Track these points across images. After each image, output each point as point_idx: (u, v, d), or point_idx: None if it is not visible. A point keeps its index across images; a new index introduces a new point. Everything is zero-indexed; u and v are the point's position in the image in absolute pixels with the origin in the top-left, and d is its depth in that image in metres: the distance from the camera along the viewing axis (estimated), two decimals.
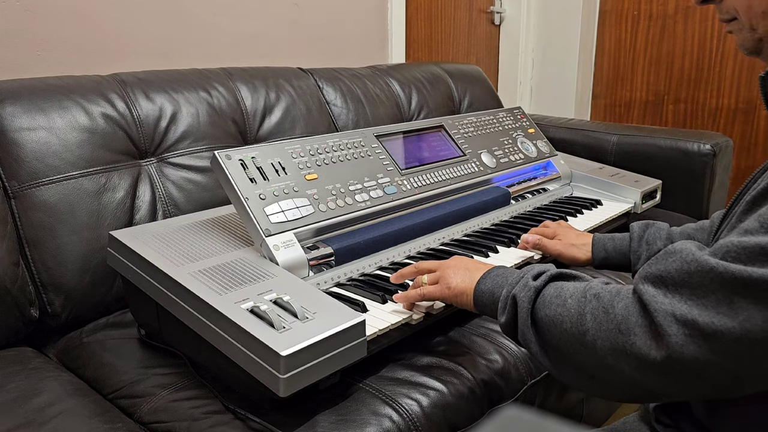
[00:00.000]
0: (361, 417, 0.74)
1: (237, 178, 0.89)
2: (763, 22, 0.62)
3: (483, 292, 0.73)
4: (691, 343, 0.50)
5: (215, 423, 0.74)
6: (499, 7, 2.73)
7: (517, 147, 1.42)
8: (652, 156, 1.73)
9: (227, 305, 0.72)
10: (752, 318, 0.47)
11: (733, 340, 0.48)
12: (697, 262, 0.51)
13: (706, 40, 2.49)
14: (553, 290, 0.64)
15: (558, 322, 0.61)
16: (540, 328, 0.64)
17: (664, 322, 0.51)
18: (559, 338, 0.61)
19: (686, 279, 0.52)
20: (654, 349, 0.52)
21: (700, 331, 0.49)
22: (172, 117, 1.20)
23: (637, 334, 0.54)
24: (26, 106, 1.03)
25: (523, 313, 0.65)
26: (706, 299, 0.50)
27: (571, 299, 0.61)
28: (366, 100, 1.61)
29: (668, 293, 0.52)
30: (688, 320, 0.50)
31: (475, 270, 0.77)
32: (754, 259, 0.48)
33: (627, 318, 0.55)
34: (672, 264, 0.53)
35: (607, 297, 0.58)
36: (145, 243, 0.87)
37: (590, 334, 0.57)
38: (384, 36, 2.10)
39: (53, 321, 1.02)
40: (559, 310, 0.61)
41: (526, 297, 0.65)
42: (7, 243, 0.96)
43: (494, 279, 0.73)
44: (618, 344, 0.55)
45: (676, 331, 0.51)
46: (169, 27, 1.49)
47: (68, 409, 0.76)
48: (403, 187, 1.09)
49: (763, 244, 0.48)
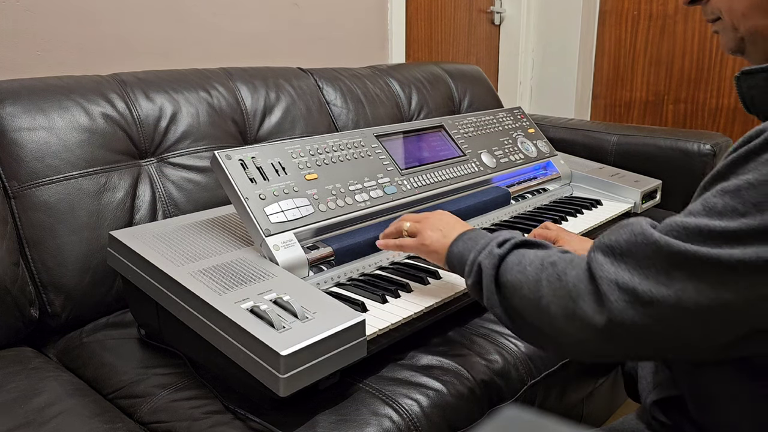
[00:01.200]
0: (361, 417, 0.74)
1: (237, 178, 0.89)
2: (743, 22, 0.64)
3: (454, 254, 0.79)
4: (630, 309, 0.54)
5: (215, 423, 0.74)
6: (499, 7, 2.74)
7: (517, 147, 1.42)
8: (652, 156, 1.73)
9: (227, 305, 0.72)
10: (685, 289, 0.52)
11: (668, 307, 0.53)
12: (644, 236, 0.55)
13: (706, 40, 2.49)
14: (515, 257, 0.68)
15: (518, 288, 0.66)
16: (502, 292, 0.68)
17: (607, 289, 0.56)
18: (519, 303, 0.66)
19: (632, 250, 0.56)
20: (598, 313, 0.56)
21: (639, 299, 0.54)
22: (172, 117, 1.20)
23: (584, 299, 0.58)
24: (26, 106, 1.03)
25: (488, 279, 0.69)
26: (647, 270, 0.54)
27: (530, 267, 0.65)
28: (366, 100, 1.61)
29: (615, 262, 0.57)
30: (629, 288, 0.54)
31: (451, 230, 0.83)
32: (692, 238, 0.52)
33: (577, 285, 0.59)
34: (622, 235, 0.57)
35: (561, 265, 0.62)
36: (145, 243, 0.87)
37: (545, 300, 0.62)
38: (384, 36, 2.10)
39: (53, 321, 1.02)
40: (519, 277, 0.66)
41: (490, 263, 0.69)
42: (7, 243, 0.96)
43: (465, 242, 0.78)
44: (568, 309, 0.59)
45: (617, 297, 0.55)
46: (169, 27, 1.49)
47: (68, 409, 0.76)
48: (403, 187, 1.09)
49: (701, 225, 0.52)
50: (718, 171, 0.55)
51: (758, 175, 0.51)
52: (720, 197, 0.53)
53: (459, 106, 1.91)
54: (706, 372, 0.65)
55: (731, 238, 0.50)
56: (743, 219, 0.50)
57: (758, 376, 0.60)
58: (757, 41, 0.64)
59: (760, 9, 0.62)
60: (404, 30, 2.17)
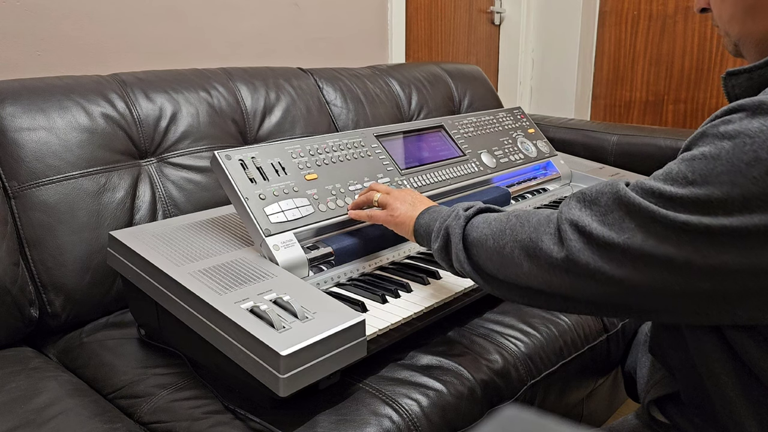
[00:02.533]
0: (361, 417, 0.74)
1: (237, 178, 0.89)
2: (731, 27, 0.67)
3: (421, 225, 0.84)
4: (586, 249, 0.59)
5: (215, 423, 0.74)
6: (499, 7, 2.73)
7: (517, 147, 1.42)
8: (652, 156, 1.73)
9: (227, 305, 0.72)
10: (634, 237, 0.57)
11: (618, 251, 0.57)
12: (611, 187, 0.60)
13: (706, 40, 2.49)
14: (482, 218, 0.74)
15: (483, 241, 0.71)
16: (469, 249, 0.73)
17: (567, 228, 0.61)
18: (485, 256, 0.71)
19: (598, 198, 0.61)
20: (558, 251, 0.62)
21: (594, 240, 0.59)
22: (172, 117, 1.20)
23: (544, 240, 0.64)
24: (26, 106, 1.03)
25: (455, 239, 0.74)
26: (606, 216, 0.59)
27: (495, 221, 0.71)
28: (366, 100, 1.61)
29: (582, 207, 0.62)
30: (586, 230, 0.60)
31: (419, 204, 0.88)
32: (648, 196, 0.57)
33: (538, 227, 0.65)
34: (596, 186, 0.62)
35: (524, 215, 0.68)
36: (145, 243, 0.87)
37: (508, 247, 0.67)
38: (384, 36, 2.10)
39: (53, 321, 1.01)
40: (485, 231, 0.71)
41: (457, 225, 0.75)
42: (7, 243, 0.96)
43: (432, 214, 0.83)
44: (529, 248, 0.65)
45: (575, 237, 0.60)
46: (169, 27, 1.49)
47: (68, 409, 0.76)
48: (403, 187, 1.09)
49: (655, 187, 0.57)
50: (686, 142, 0.60)
51: (712, 147, 0.54)
52: (678, 164, 0.57)
53: (459, 106, 1.91)
54: (703, 369, 0.65)
55: (678, 203, 0.55)
56: (691, 187, 0.54)
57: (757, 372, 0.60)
58: (746, 44, 0.66)
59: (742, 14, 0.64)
60: (404, 30, 2.17)
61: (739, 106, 0.55)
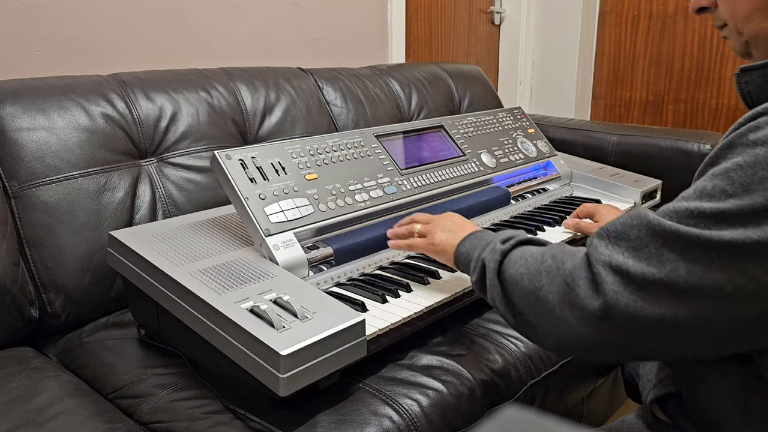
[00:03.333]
0: (361, 417, 0.74)
1: (237, 178, 0.89)
2: (747, 25, 0.65)
3: (461, 253, 0.81)
4: (625, 291, 0.54)
5: (215, 423, 0.74)
6: (499, 7, 2.73)
7: (517, 147, 1.42)
8: (652, 156, 1.73)
9: (227, 305, 0.72)
10: (677, 269, 0.52)
11: (661, 288, 0.53)
12: (639, 218, 0.56)
13: (706, 40, 2.49)
14: (518, 252, 0.70)
15: (519, 280, 0.66)
16: (505, 287, 0.69)
17: (602, 270, 0.56)
18: (519, 295, 0.66)
19: (627, 232, 0.56)
20: (594, 298, 0.57)
21: (632, 280, 0.54)
22: (172, 117, 1.20)
23: (580, 285, 0.58)
24: (26, 106, 1.03)
25: (491, 274, 0.70)
26: (640, 251, 0.55)
27: (531, 259, 0.67)
28: (366, 100, 1.61)
29: (610, 245, 0.57)
30: (622, 269, 0.55)
31: (459, 230, 0.85)
32: (684, 219, 0.53)
33: (573, 271, 0.60)
34: (620, 219, 0.58)
35: (560, 256, 0.63)
36: (145, 243, 0.87)
37: (544, 290, 0.62)
38: (384, 36, 2.10)
39: (53, 321, 1.01)
40: (521, 270, 0.67)
41: (493, 259, 0.71)
42: (7, 243, 0.96)
43: (472, 241, 0.80)
44: (565, 296, 0.60)
45: (612, 279, 0.55)
46: (169, 27, 1.49)
47: (68, 409, 0.76)
48: (403, 187, 1.09)
49: (691, 207, 0.53)
50: (709, 157, 0.57)
51: (746, 156, 0.52)
52: (710, 180, 0.54)
53: (459, 106, 1.91)
54: (707, 371, 0.65)
55: (721, 218, 0.51)
56: (732, 200, 0.51)
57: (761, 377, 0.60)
58: (759, 44, 0.66)
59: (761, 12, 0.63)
60: (404, 30, 2.17)
61: (764, 110, 0.53)
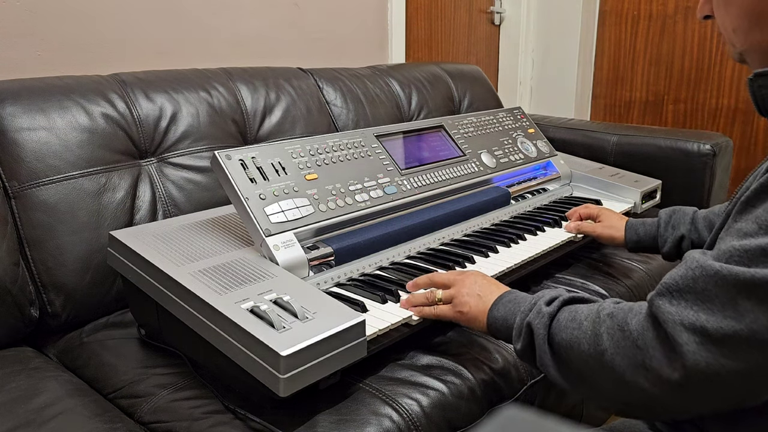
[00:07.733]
0: (361, 417, 0.74)
1: (237, 178, 0.89)
2: (735, 38, 0.65)
3: (496, 319, 0.75)
4: (704, 350, 0.50)
5: (215, 423, 0.74)
6: (499, 7, 2.73)
7: (517, 147, 1.42)
8: (652, 156, 1.73)
9: (227, 305, 0.72)
10: (758, 319, 0.47)
11: (742, 342, 0.48)
12: (701, 267, 0.51)
13: (706, 40, 2.49)
14: (567, 314, 0.65)
15: (575, 345, 0.62)
16: (557, 352, 0.64)
17: (674, 331, 0.51)
18: (578, 360, 0.61)
19: (691, 285, 0.52)
20: (671, 362, 0.52)
21: (710, 337, 0.49)
22: (172, 117, 1.20)
23: (654, 347, 0.54)
24: (26, 106, 1.03)
25: (540, 340, 0.66)
26: (711, 303, 0.50)
27: (586, 321, 0.62)
28: (366, 100, 1.61)
29: (674, 300, 0.52)
30: (696, 327, 0.50)
31: (488, 294, 0.78)
32: (756, 261, 0.48)
33: (643, 333, 0.55)
34: (677, 272, 0.54)
35: (620, 315, 0.59)
36: (145, 243, 0.87)
37: (608, 354, 0.58)
38: (384, 36, 2.10)
39: (53, 321, 1.02)
40: (576, 333, 0.62)
41: (541, 323, 0.66)
42: (7, 243, 0.96)
43: (506, 306, 0.74)
44: (637, 360, 0.55)
45: (687, 339, 0.51)
46: (169, 27, 1.49)
47: (68, 409, 0.76)
48: (403, 187, 1.09)
49: (763, 245, 0.48)
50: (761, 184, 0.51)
51: None
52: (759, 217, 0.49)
53: (459, 106, 1.91)
54: None
55: None
56: None
57: None
58: (750, 54, 0.65)
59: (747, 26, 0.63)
60: (404, 30, 2.17)
61: None
